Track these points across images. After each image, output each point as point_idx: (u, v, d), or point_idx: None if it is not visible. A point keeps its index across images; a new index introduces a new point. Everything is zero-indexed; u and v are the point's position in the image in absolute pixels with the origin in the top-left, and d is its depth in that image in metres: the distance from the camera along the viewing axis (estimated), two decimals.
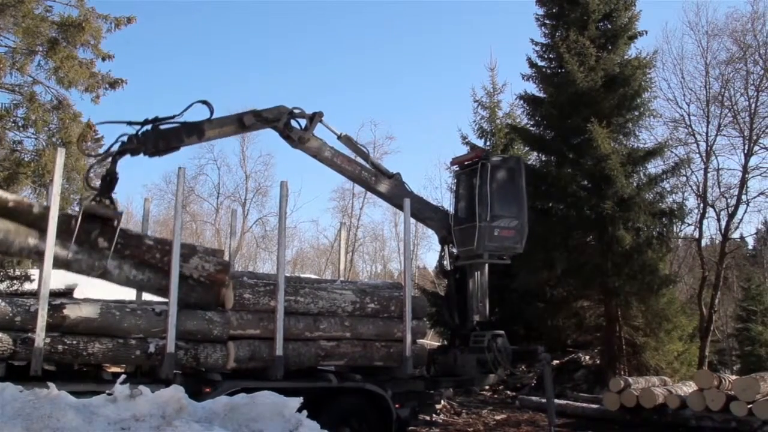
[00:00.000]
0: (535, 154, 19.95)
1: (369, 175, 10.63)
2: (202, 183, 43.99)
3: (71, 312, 6.94)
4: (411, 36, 74.36)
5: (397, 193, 10.69)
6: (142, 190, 61.12)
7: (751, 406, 10.94)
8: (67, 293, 13.99)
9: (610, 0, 18.29)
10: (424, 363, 9.90)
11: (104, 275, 7.94)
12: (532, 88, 19.16)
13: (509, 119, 22.59)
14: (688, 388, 12.47)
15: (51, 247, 6.91)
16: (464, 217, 11.03)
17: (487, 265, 11.08)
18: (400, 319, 9.00)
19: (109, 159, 8.75)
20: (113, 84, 15.52)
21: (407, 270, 9.76)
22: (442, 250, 11.41)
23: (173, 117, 8.71)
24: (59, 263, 7.37)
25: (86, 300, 7.70)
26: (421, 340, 10.14)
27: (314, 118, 10.05)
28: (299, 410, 5.76)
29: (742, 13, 25.06)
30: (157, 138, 8.66)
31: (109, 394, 5.36)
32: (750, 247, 39.74)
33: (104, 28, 15.45)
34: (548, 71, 18.96)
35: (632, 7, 18.61)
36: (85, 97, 15.32)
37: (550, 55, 18.90)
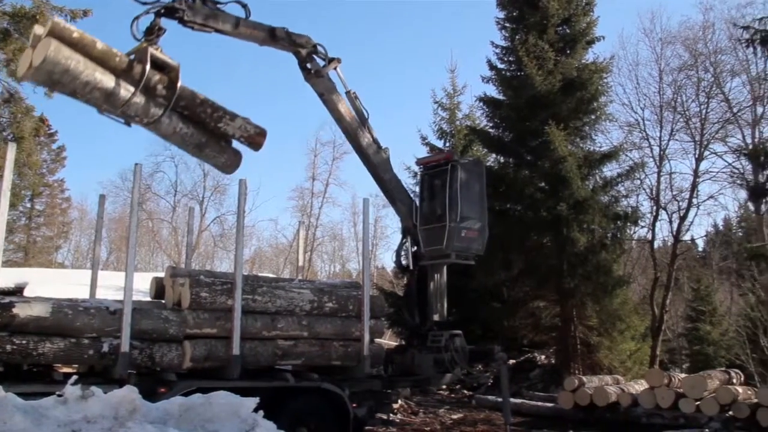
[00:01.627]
0: (494, 155, 20.16)
1: (363, 134, 10.65)
2: (159, 180, 43.37)
3: (21, 311, 6.75)
4: (372, 37, 74.46)
5: (382, 164, 10.84)
6: (97, 187, 59.97)
7: (698, 403, 11.24)
8: (17, 291, 13.64)
9: (569, 5, 18.59)
10: (381, 362, 9.90)
11: (154, 123, 8.11)
12: (492, 91, 19.37)
13: (469, 121, 22.76)
14: (639, 386, 12.72)
15: (2, 233, 6.71)
16: (431, 216, 11.09)
17: (446, 266, 11.16)
18: (358, 318, 9.00)
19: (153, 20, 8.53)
20: None
21: (366, 269, 9.78)
22: (404, 243, 11.38)
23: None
24: (116, 103, 7.56)
25: (37, 298, 7.50)
26: (378, 340, 10.17)
27: (332, 61, 10.27)
28: (256, 410, 5.71)
29: (694, 22, 25.79)
30: (203, 10, 8.87)
31: (60, 396, 5.22)
32: (700, 249, 40.72)
33: None
34: (508, 74, 19.17)
35: (590, 13, 18.96)
36: (38, 91, 14.98)
37: (510, 58, 19.13)
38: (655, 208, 23.43)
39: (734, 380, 12.72)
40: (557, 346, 17.84)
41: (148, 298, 8.96)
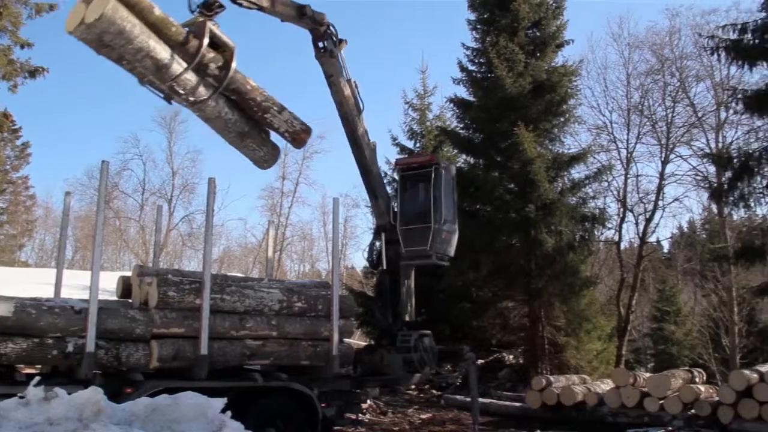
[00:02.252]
0: (464, 156, 20.25)
1: (360, 123, 10.69)
2: (127, 178, 42.69)
3: None
4: (343, 36, 74.26)
5: (372, 156, 10.95)
6: (62, 185, 58.96)
7: (662, 401, 11.44)
8: None
9: (539, 8, 18.76)
10: (350, 362, 9.89)
11: (199, 104, 7.75)
12: (462, 92, 19.45)
13: (439, 122, 22.86)
14: (605, 385, 12.89)
15: None
16: (412, 217, 11.14)
17: (415, 266, 11.23)
18: (328, 318, 8.98)
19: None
20: (33, 72, 14.97)
21: (335, 269, 9.78)
22: (376, 241, 11.36)
23: None
24: (165, 77, 7.16)
25: None
26: (347, 340, 10.16)
27: (341, 42, 10.31)
28: (223, 410, 5.67)
29: (661, 28, 26.24)
30: None
31: (22, 397, 5.12)
32: (665, 250, 41.37)
33: (24, 15, 14.88)
34: (478, 75, 19.28)
35: (560, 17, 19.14)
36: (2, 86, 14.70)
37: (481, 60, 19.23)
38: (621, 210, 23.77)
39: (697, 379, 12.95)
40: (525, 346, 18.00)
41: (115, 298, 8.85)
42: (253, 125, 8.66)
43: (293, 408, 8.44)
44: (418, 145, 22.71)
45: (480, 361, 16.43)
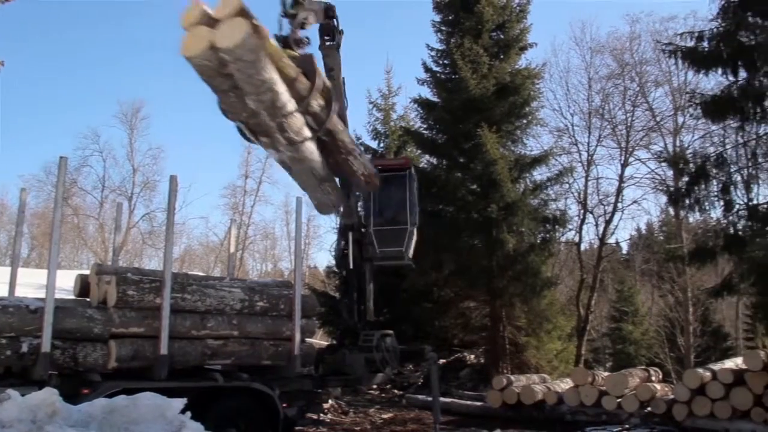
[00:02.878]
0: (427, 156, 20.35)
1: (347, 120, 10.51)
2: (86, 175, 41.82)
3: None
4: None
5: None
6: (18, 181, 57.55)
7: (620, 400, 11.65)
8: None
9: (503, 11, 18.94)
10: (312, 362, 9.88)
11: (297, 145, 6.99)
12: (427, 93, 19.54)
13: (403, 122, 22.95)
14: (565, 384, 13.06)
15: None
16: (387, 219, 11.19)
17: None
18: (290, 317, 8.94)
19: None
20: None
21: (297, 268, 9.73)
22: (345, 240, 11.32)
23: None
24: (279, 113, 6.36)
25: None
26: (309, 339, 10.13)
27: (341, 33, 10.27)
28: (183, 411, 5.62)
29: (622, 33, 26.70)
30: None
31: None
32: (624, 251, 42.12)
33: None
34: (442, 77, 19.39)
35: (524, 20, 19.36)
36: None
37: (445, 61, 19.35)
38: (582, 211, 24.19)
39: (653, 378, 13.23)
40: (486, 345, 18.14)
41: (72, 297, 8.69)
42: (331, 168, 8.11)
43: (254, 408, 8.38)
44: (381, 145, 22.76)
45: (442, 361, 16.52)
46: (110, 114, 62.03)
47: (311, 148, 7.20)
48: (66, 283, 9.06)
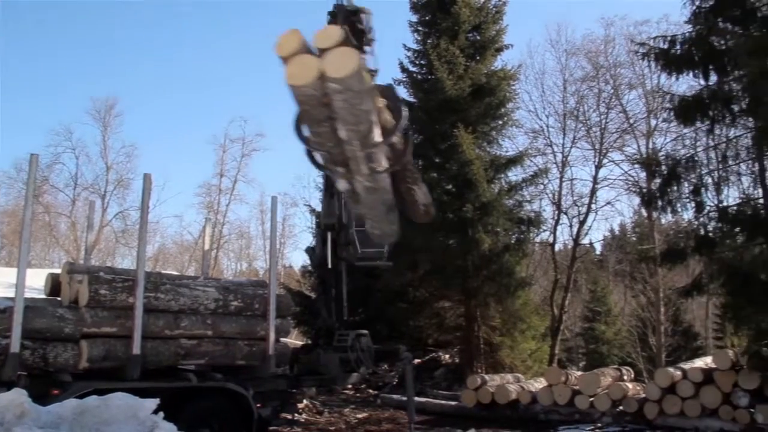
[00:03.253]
0: None
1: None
2: (58, 172, 41.14)
3: None
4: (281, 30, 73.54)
5: None
6: None
7: (592, 399, 11.79)
8: None
9: (479, 13, 19.03)
10: (287, 362, 9.85)
11: (374, 175, 6.70)
12: (403, 93, 19.54)
13: None
14: (539, 384, 13.18)
15: None
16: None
17: None
18: (264, 317, 8.91)
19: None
20: None
21: (272, 268, 9.70)
22: (323, 239, 11.28)
23: None
24: (369, 143, 6.13)
25: None
26: (284, 339, 10.09)
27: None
28: (156, 411, 5.57)
29: (596, 36, 26.90)
30: None
31: None
32: (597, 252, 42.54)
33: None
34: (419, 77, 19.44)
35: (500, 21, 19.46)
36: None
37: (422, 62, 19.40)
38: (556, 212, 24.39)
39: (625, 377, 13.40)
40: (461, 345, 18.22)
41: (43, 296, 8.57)
42: (395, 198, 7.80)
43: (228, 408, 8.34)
44: None
45: (416, 361, 16.56)
46: (83, 110, 61.05)
47: (386, 178, 7.06)
48: (36, 282, 8.94)
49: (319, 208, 11.81)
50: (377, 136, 6.27)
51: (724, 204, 11.04)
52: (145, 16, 64.77)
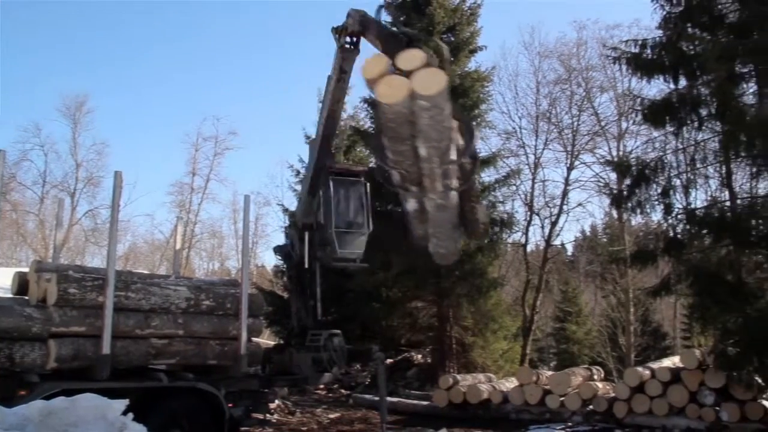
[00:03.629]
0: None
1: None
2: (26, 170, 40.45)
3: None
4: (257, 33, 73.28)
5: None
6: None
7: (563, 398, 11.92)
8: None
9: (454, 14, 19.08)
10: (259, 361, 9.82)
11: (453, 190, 6.81)
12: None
13: (353, 122, 22.96)
14: (510, 384, 13.28)
15: None
16: (346, 222, 11.19)
17: None
18: (236, 316, 8.86)
19: None
20: None
21: (245, 267, 9.66)
22: (302, 238, 11.25)
23: None
24: (446, 160, 6.25)
25: None
26: (256, 339, 10.05)
27: None
28: (125, 412, 5.52)
29: (569, 39, 27.22)
30: None
31: None
32: (569, 253, 42.95)
33: None
34: None
35: (474, 23, 19.52)
36: None
37: None
38: (528, 213, 24.59)
39: (595, 377, 13.57)
40: (433, 345, 18.27)
41: (9, 295, 8.44)
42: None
43: (199, 408, 8.28)
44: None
45: (389, 361, 16.58)
46: (52, 107, 60.20)
47: (455, 196, 7.14)
48: (3, 281, 8.82)
49: (292, 207, 11.78)
50: (454, 153, 6.44)
51: (692, 206, 11.22)
52: (118, 13, 64.03)
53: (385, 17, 19.60)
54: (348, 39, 10.09)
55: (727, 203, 10.92)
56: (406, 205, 7.30)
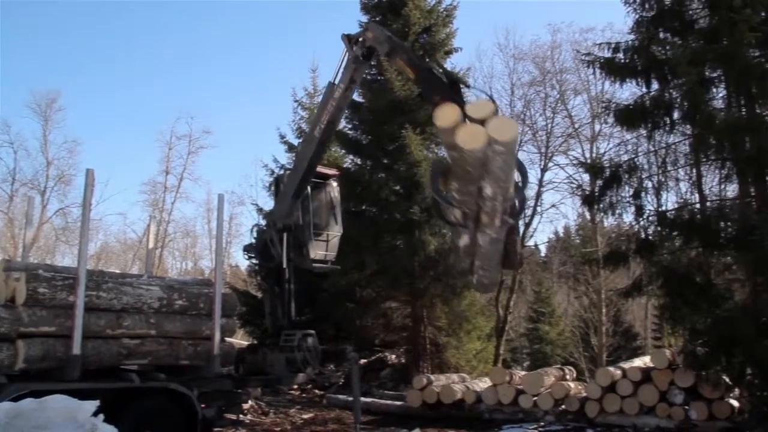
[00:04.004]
0: (351, 157, 20.38)
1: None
2: None
3: None
4: (232, 32, 72.85)
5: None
6: None
7: (536, 398, 12.01)
8: None
9: (430, 15, 19.14)
10: (232, 362, 9.78)
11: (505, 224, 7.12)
12: (353, 93, 19.49)
13: None
14: (483, 384, 13.35)
15: None
16: (320, 225, 11.20)
17: None
18: (209, 316, 8.82)
19: None
20: None
21: (218, 267, 9.62)
22: (281, 239, 11.20)
23: None
24: (507, 197, 6.72)
25: None
26: (229, 339, 10.00)
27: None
28: (96, 414, 5.44)
29: (543, 42, 27.46)
30: None
31: None
32: (542, 254, 43.28)
33: None
34: (368, 77, 19.42)
35: (450, 24, 19.59)
36: None
37: (371, 62, 19.37)
38: None
39: (568, 377, 13.70)
40: (407, 345, 18.30)
41: None
42: None
43: (172, 409, 8.23)
44: None
45: (363, 361, 16.58)
46: (22, 103, 59.25)
47: (504, 230, 7.43)
48: None
49: (266, 207, 11.74)
50: (513, 192, 6.95)
51: (663, 208, 11.37)
52: (91, 11, 63.27)
53: (361, 17, 19.77)
54: (362, 50, 10.21)
55: (697, 206, 11.08)
56: (458, 241, 7.62)
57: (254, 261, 11.86)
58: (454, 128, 6.46)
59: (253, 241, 11.52)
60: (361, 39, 10.18)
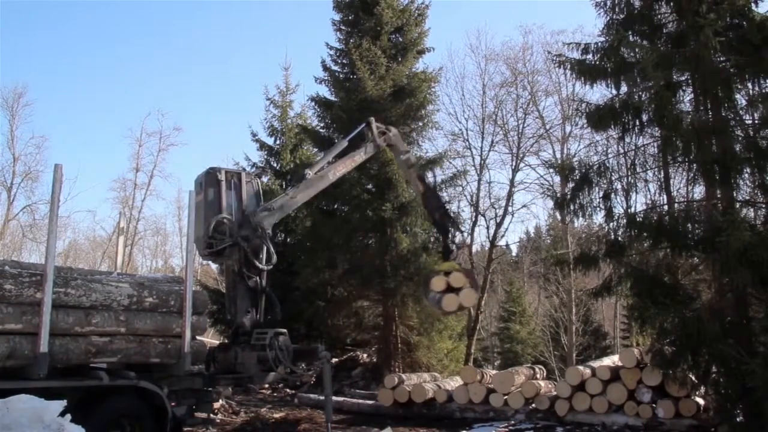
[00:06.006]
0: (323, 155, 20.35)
1: None
2: None
3: None
4: (208, 27, 72.30)
5: None
6: None
7: (506, 397, 12.11)
8: None
9: (402, 15, 19.20)
10: (203, 360, 9.70)
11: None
12: (325, 91, 19.49)
13: (300, 120, 22.91)
14: (455, 383, 13.42)
15: None
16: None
17: None
18: (180, 314, 8.74)
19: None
20: None
21: (189, 264, 9.51)
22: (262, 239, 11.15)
23: None
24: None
25: None
26: (200, 337, 9.92)
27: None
28: (63, 413, 5.37)
29: (515, 43, 27.73)
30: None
31: None
32: (513, 254, 43.64)
33: None
34: (341, 76, 19.44)
35: (422, 24, 19.68)
36: None
37: (344, 61, 19.41)
38: (474, 214, 24.89)
39: (538, 375, 13.82)
40: (379, 344, 18.33)
41: None
42: None
43: (142, 408, 8.14)
44: (278, 142, 22.73)
45: (334, 360, 16.56)
46: None
47: None
48: None
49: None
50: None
51: (633, 210, 11.49)
52: (59, 5, 62.32)
53: (334, 16, 19.75)
54: (383, 142, 13.17)
55: (665, 207, 11.22)
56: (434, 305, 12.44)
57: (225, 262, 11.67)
58: (443, 295, 11.91)
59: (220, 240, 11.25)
60: (388, 136, 13.33)
